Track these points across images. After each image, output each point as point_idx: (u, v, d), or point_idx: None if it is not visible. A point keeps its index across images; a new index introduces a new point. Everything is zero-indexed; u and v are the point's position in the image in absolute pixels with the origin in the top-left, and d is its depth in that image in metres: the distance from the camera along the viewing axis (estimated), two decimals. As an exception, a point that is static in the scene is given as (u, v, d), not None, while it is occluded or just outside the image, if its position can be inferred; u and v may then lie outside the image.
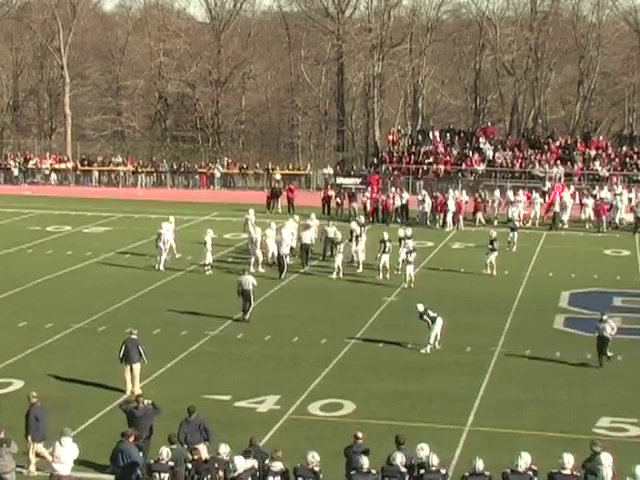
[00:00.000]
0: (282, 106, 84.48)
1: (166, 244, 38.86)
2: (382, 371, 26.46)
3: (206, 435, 18.93)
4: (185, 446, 18.46)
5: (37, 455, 19.42)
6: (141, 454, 18.39)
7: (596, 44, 75.12)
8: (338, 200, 53.17)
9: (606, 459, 16.58)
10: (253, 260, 38.54)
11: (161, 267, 38.35)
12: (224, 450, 17.38)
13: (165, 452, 17.38)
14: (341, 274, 37.68)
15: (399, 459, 16.93)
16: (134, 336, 24.05)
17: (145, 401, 19.83)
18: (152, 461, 17.57)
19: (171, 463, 17.30)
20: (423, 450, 17.17)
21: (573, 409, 23.63)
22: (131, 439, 18.09)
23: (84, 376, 25.16)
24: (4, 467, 17.96)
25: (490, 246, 38.41)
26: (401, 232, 39.57)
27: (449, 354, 28.00)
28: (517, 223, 45.39)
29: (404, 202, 51.13)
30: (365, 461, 16.88)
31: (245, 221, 42.18)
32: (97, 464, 19.63)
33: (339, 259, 37.87)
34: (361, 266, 38.89)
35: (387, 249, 37.47)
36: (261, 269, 38.24)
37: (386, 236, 37.83)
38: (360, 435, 18.09)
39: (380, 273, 37.41)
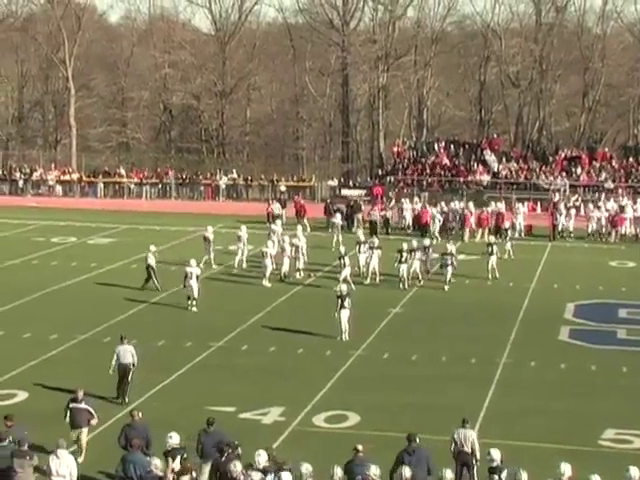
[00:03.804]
0: (287, 118, 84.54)
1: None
2: (387, 382, 26.46)
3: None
4: (201, 459, 18.48)
5: None
6: None
7: (601, 56, 75.09)
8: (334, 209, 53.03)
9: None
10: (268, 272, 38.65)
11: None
12: (237, 468, 17.34)
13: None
14: (352, 286, 37.40)
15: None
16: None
17: (140, 414, 19.74)
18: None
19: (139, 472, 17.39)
20: (260, 456, 17.30)
21: (578, 421, 23.60)
22: (138, 450, 18.08)
23: (88, 388, 24.93)
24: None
25: (488, 250, 39.99)
26: (427, 241, 40.67)
27: (454, 365, 28.00)
28: (515, 233, 45.77)
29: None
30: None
31: (270, 232, 42.86)
32: (101, 477, 19.62)
33: (347, 271, 37.78)
34: (369, 277, 39.08)
35: (404, 259, 37.78)
36: (267, 284, 38.23)
37: (405, 246, 38.09)
38: (360, 448, 18.01)
39: (400, 282, 37.80)
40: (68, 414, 21.06)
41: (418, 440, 18.24)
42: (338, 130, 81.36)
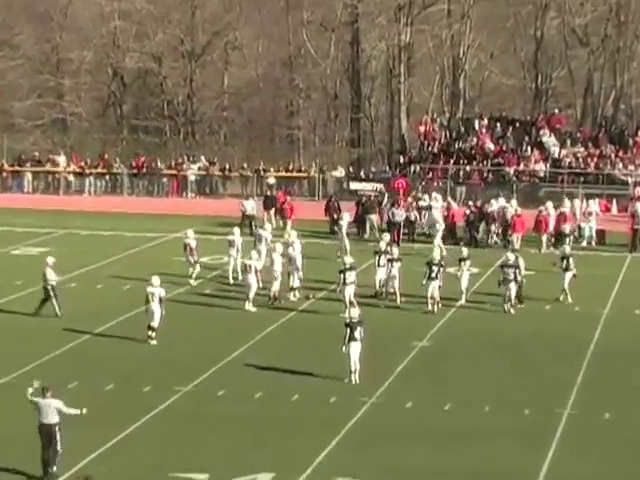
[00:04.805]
0: (278, 87, 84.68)
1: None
2: (411, 439, 26.48)
3: None
4: None
5: None
6: None
7: (699, 2, 75.30)
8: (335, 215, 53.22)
9: None
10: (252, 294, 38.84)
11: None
12: None
13: None
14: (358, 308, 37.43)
15: None
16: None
17: None
18: None
19: None
20: None
21: (667, 491, 23.68)
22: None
23: (11, 450, 25.08)
24: None
25: (562, 264, 40.28)
26: (464, 252, 41.07)
27: (501, 417, 28.05)
28: (583, 241, 45.96)
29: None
30: None
31: (257, 238, 43.49)
32: None
33: (350, 290, 37.93)
34: (388, 298, 39.44)
35: (435, 274, 38.05)
36: (251, 308, 38.29)
37: (436, 258, 38.41)
38: None
39: (428, 304, 38.21)
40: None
41: None
42: (346, 103, 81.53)
